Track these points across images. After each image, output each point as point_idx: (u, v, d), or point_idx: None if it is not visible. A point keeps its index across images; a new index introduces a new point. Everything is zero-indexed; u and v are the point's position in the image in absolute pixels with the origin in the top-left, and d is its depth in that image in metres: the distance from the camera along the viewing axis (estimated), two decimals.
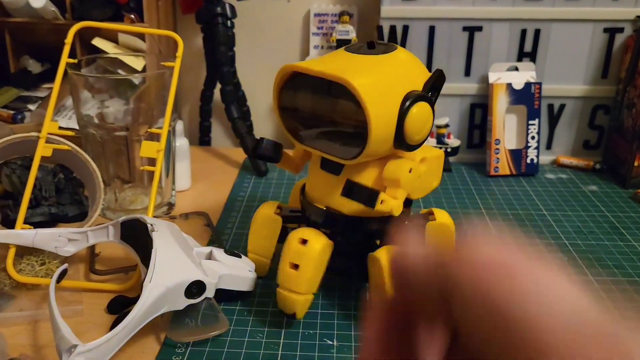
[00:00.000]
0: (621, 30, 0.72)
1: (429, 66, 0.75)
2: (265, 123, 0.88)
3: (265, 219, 0.50)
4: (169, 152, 0.63)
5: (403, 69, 0.42)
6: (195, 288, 0.42)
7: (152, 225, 0.45)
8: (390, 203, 0.42)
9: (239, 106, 0.82)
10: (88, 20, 0.68)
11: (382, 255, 0.43)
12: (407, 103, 0.40)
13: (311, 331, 0.45)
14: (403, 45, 0.74)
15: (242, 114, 0.83)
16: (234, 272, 0.46)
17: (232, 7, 0.75)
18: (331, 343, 0.43)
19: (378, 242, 0.47)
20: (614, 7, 0.71)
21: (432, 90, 0.42)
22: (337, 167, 0.44)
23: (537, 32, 0.73)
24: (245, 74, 0.83)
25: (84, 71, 0.64)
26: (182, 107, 0.88)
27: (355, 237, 0.47)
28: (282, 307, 0.44)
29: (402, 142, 0.41)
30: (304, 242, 0.43)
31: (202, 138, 0.86)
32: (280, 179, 0.73)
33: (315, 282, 0.44)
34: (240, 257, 0.49)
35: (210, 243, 0.57)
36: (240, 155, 0.77)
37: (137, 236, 0.48)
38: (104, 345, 0.37)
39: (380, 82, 0.40)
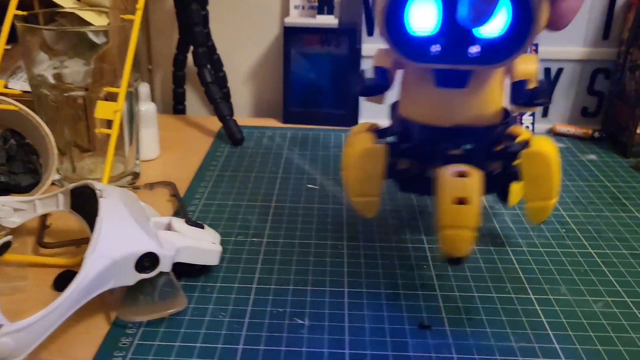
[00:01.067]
0: None
1: None
2: (244, 89, 0.83)
3: (365, 153, 0.43)
4: (131, 116, 0.57)
5: None
6: (147, 261, 0.37)
7: (100, 191, 0.40)
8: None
9: (214, 71, 0.77)
10: None
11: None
12: None
13: (280, 309, 0.40)
14: None
15: (217, 80, 0.78)
16: (195, 244, 0.41)
17: None
18: (302, 322, 0.39)
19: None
20: None
21: None
22: (461, 79, 0.38)
23: None
24: (221, 37, 0.77)
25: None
26: (155, 73, 0.83)
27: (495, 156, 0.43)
28: (452, 250, 0.39)
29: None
30: (461, 174, 0.38)
31: (176, 106, 0.81)
32: (257, 147, 0.68)
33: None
34: (202, 227, 0.44)
35: (175, 215, 0.52)
36: (215, 123, 0.72)
37: (87, 204, 0.43)
38: (37, 324, 0.33)
39: None
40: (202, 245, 0.42)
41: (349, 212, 0.53)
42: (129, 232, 0.37)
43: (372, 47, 0.70)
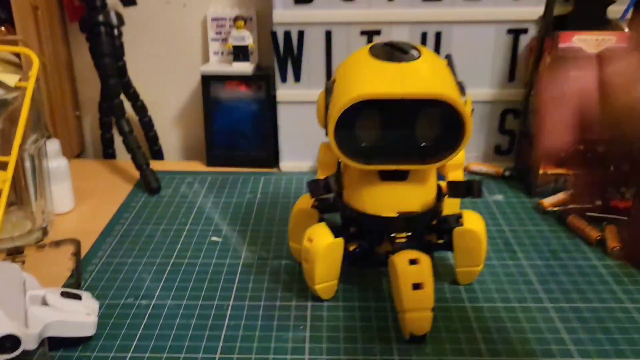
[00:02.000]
0: (525, 31, 0.69)
1: (328, 74, 0.71)
2: (171, 132, 0.84)
3: (329, 248, 0.48)
4: (34, 175, 0.59)
5: (443, 64, 0.46)
6: (8, 342, 0.39)
7: None
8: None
9: (139, 117, 0.79)
10: None
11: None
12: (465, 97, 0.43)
13: None
14: (300, 51, 0.70)
15: (142, 126, 0.79)
16: (65, 318, 0.42)
17: (118, 15, 0.70)
18: None
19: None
20: (516, 7, 0.67)
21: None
22: (402, 174, 0.46)
23: (439, 35, 0.69)
24: (145, 83, 0.79)
25: None
26: (84, 118, 0.84)
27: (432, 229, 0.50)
28: (415, 330, 0.44)
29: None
30: (414, 262, 0.44)
31: (105, 150, 0.82)
32: (173, 195, 0.69)
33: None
34: (80, 298, 0.45)
35: (70, 277, 0.53)
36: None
37: None
38: None
39: (452, 84, 0.44)
40: (73, 318, 0.43)
41: (243, 268, 0.55)
42: None
43: (286, 93, 0.72)
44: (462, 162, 0.50)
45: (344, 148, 0.44)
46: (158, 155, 0.83)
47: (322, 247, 0.47)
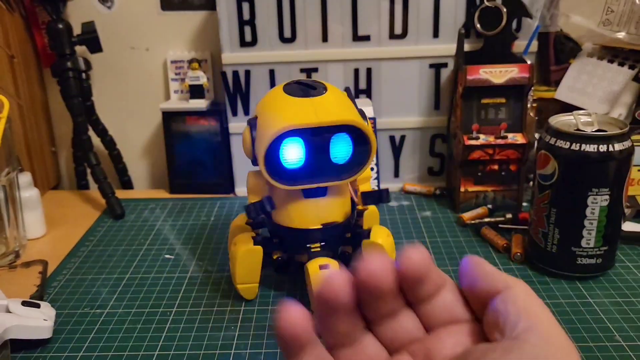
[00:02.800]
0: (445, 65, 0.77)
1: None
2: (138, 164, 0.92)
3: (247, 253, 0.56)
4: (7, 204, 0.66)
5: (345, 96, 0.55)
6: None
7: None
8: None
9: (108, 150, 0.87)
10: None
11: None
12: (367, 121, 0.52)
13: None
14: (247, 88, 0.79)
15: (112, 158, 0.88)
16: (24, 323, 0.50)
17: (86, 61, 0.79)
18: None
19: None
20: (435, 44, 0.76)
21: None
22: (322, 191, 0.53)
23: (369, 71, 0.78)
24: (113, 120, 0.87)
25: None
26: (60, 152, 0.92)
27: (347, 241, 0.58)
28: None
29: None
30: (323, 267, 0.52)
31: (79, 182, 0.90)
32: (136, 220, 0.77)
33: None
34: (38, 306, 0.53)
35: (35, 292, 0.60)
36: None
37: None
38: None
39: (356, 111, 0.52)
40: (30, 323, 0.50)
41: (190, 280, 0.62)
42: None
43: (237, 125, 0.80)
44: (369, 176, 0.59)
45: (272, 173, 0.51)
46: (128, 184, 0.91)
47: (242, 251, 0.55)
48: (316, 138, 0.51)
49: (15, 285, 0.62)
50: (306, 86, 0.53)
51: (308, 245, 0.54)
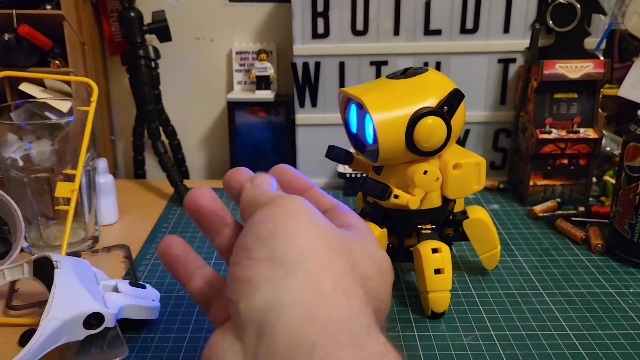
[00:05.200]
0: (514, 60, 0.78)
1: None
2: (197, 154, 0.93)
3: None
4: (89, 189, 0.67)
5: (421, 88, 0.51)
6: (94, 320, 0.46)
7: (56, 262, 0.49)
8: (405, 197, 0.51)
9: (169, 140, 0.87)
10: (15, 67, 0.72)
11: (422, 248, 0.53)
12: (415, 117, 0.49)
13: None
14: (316, 79, 0.79)
15: (172, 148, 0.88)
16: (136, 303, 0.50)
17: (155, 49, 0.80)
18: None
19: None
20: (505, 39, 0.78)
21: (446, 106, 0.50)
22: (379, 168, 0.54)
23: (438, 65, 0.79)
24: (175, 110, 0.88)
25: (13, 115, 0.68)
26: (118, 142, 0.92)
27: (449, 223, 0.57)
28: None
29: (415, 149, 0.50)
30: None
31: (136, 171, 0.90)
32: None
33: None
34: (144, 287, 0.53)
35: (126, 275, 0.61)
36: (170, 186, 0.81)
37: (46, 273, 0.51)
38: None
39: (390, 99, 0.50)
40: (142, 303, 0.51)
41: None
42: (78, 297, 0.46)
43: (304, 117, 0.81)
44: (411, 178, 0.53)
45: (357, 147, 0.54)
46: (185, 175, 0.91)
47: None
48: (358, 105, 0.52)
49: (103, 269, 0.62)
50: (405, 71, 0.53)
51: (419, 227, 0.54)
